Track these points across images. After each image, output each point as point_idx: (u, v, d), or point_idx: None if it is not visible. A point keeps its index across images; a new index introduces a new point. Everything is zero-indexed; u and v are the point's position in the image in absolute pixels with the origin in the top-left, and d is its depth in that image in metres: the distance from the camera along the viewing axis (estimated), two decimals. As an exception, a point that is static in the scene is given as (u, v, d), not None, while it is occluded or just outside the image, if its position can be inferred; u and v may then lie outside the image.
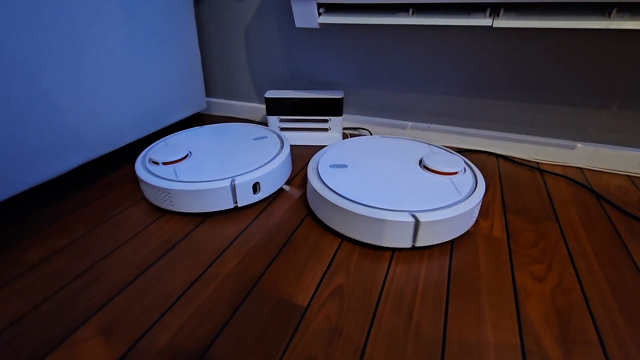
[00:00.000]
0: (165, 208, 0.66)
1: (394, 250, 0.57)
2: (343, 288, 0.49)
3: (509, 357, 0.40)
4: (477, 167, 0.84)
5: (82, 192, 0.74)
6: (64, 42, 0.66)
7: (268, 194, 0.70)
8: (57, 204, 0.70)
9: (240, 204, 0.66)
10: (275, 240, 0.59)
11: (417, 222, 0.53)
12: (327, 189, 0.60)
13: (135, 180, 0.79)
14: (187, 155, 0.72)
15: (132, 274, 0.52)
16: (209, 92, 1.22)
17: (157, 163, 0.69)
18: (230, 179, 0.64)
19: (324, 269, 0.53)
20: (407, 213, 0.53)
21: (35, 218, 0.66)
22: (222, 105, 1.21)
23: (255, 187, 0.67)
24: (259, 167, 0.68)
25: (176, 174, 0.66)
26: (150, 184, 0.64)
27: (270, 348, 0.41)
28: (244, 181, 0.64)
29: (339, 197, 0.58)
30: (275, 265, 0.54)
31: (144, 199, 0.71)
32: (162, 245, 0.58)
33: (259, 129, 0.88)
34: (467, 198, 0.57)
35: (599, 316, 0.45)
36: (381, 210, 0.54)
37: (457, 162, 0.66)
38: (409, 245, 0.55)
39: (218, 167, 0.68)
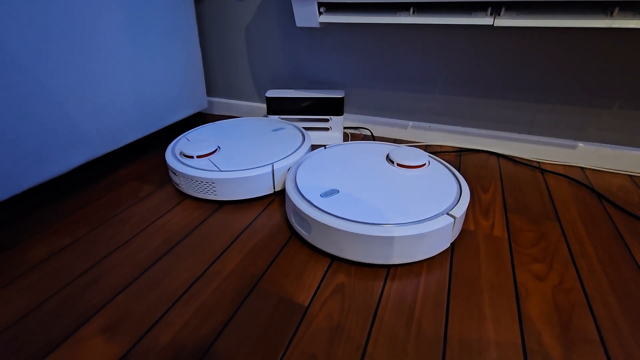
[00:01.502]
0: (207, 198, 0.69)
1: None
2: (344, 287, 0.49)
3: (510, 356, 0.40)
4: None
5: (85, 191, 0.74)
6: (65, 41, 0.66)
7: None
8: (60, 202, 0.70)
9: (277, 189, 0.71)
10: (277, 239, 0.59)
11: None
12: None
13: (138, 178, 0.79)
14: (217, 149, 0.75)
15: (135, 271, 0.52)
16: (209, 92, 1.22)
17: (191, 157, 0.71)
18: (270, 165, 0.68)
19: (325, 268, 0.53)
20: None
21: (37, 217, 0.66)
22: (223, 104, 1.21)
23: None
24: (291, 154, 0.72)
25: (216, 165, 0.68)
26: (194, 176, 0.67)
27: (272, 346, 0.41)
28: (282, 166, 0.69)
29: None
30: (276, 264, 0.54)
31: (146, 197, 0.72)
32: (165, 242, 0.58)
33: (273, 122, 0.90)
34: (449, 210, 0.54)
35: (600, 315, 0.45)
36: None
37: (421, 155, 0.69)
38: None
39: (252, 157, 0.72)
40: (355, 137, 1.01)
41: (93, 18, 0.71)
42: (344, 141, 0.98)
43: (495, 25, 0.69)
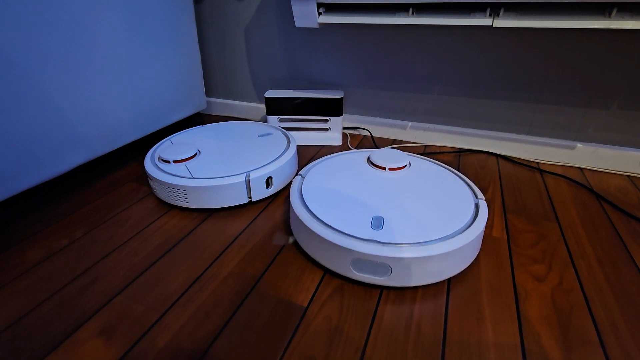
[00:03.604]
0: (179, 205, 0.67)
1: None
2: (343, 288, 0.49)
3: (509, 357, 0.40)
4: (478, 180, 0.84)
5: (83, 192, 0.74)
6: (64, 41, 0.66)
7: (278, 189, 0.72)
8: (57, 203, 0.70)
9: (254, 199, 0.68)
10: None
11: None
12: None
13: (136, 179, 0.79)
14: (196, 154, 0.73)
15: (132, 274, 0.52)
16: (209, 92, 1.22)
17: (167, 161, 0.70)
18: (245, 174, 0.65)
19: (324, 269, 0.53)
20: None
21: (35, 218, 0.66)
22: (222, 105, 1.21)
23: (268, 182, 0.69)
24: (270, 162, 0.70)
25: (190, 172, 0.66)
26: (165, 182, 0.65)
27: (270, 348, 0.41)
28: (258, 176, 0.66)
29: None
30: (275, 266, 0.53)
31: (144, 198, 0.71)
32: (163, 244, 0.58)
33: (262, 127, 0.89)
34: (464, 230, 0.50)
35: (599, 316, 0.45)
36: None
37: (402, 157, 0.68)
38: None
39: (230, 164, 0.69)
40: (354, 138, 1.01)
41: (92, 18, 0.70)
42: (342, 142, 0.98)
43: (494, 26, 0.69)
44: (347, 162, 0.69)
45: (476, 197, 0.57)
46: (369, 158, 0.68)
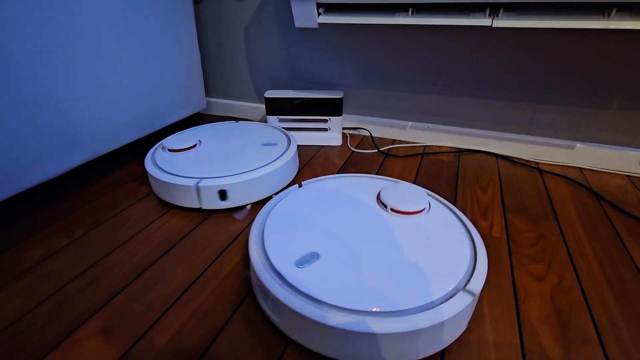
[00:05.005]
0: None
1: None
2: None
3: (509, 356, 0.40)
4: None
5: (82, 192, 0.74)
6: (63, 42, 0.66)
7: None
8: (57, 203, 0.70)
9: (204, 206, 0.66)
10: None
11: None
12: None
13: (136, 179, 0.79)
14: (196, 145, 0.77)
15: (132, 273, 0.52)
16: (208, 92, 1.22)
17: (173, 150, 0.75)
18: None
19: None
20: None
21: (34, 218, 0.66)
22: (222, 105, 1.21)
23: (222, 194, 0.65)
24: (270, 162, 0.70)
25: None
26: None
27: (270, 348, 0.41)
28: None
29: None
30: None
31: (144, 197, 0.71)
32: (163, 244, 0.58)
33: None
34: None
35: (599, 316, 0.45)
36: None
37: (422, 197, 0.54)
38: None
39: (230, 163, 0.70)
40: (354, 138, 1.01)
41: (91, 18, 0.71)
42: (342, 141, 0.98)
43: (493, 26, 0.69)
44: (350, 185, 0.60)
45: (466, 286, 0.40)
46: (379, 194, 0.56)
